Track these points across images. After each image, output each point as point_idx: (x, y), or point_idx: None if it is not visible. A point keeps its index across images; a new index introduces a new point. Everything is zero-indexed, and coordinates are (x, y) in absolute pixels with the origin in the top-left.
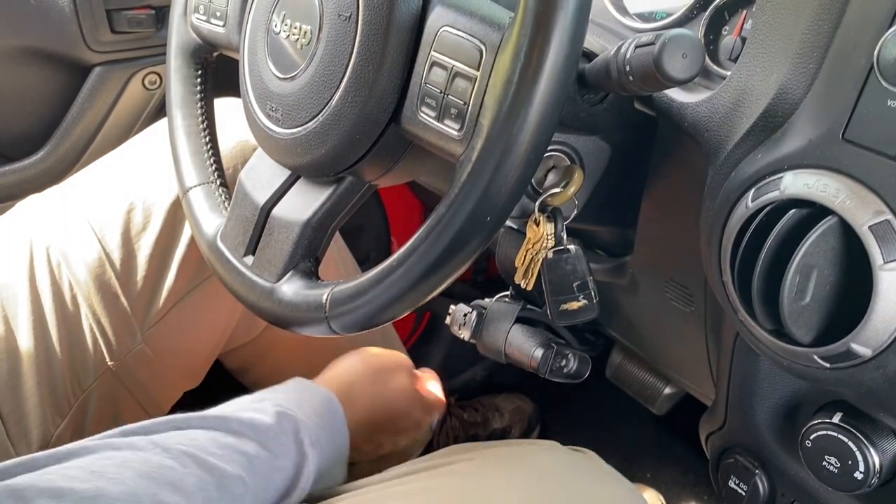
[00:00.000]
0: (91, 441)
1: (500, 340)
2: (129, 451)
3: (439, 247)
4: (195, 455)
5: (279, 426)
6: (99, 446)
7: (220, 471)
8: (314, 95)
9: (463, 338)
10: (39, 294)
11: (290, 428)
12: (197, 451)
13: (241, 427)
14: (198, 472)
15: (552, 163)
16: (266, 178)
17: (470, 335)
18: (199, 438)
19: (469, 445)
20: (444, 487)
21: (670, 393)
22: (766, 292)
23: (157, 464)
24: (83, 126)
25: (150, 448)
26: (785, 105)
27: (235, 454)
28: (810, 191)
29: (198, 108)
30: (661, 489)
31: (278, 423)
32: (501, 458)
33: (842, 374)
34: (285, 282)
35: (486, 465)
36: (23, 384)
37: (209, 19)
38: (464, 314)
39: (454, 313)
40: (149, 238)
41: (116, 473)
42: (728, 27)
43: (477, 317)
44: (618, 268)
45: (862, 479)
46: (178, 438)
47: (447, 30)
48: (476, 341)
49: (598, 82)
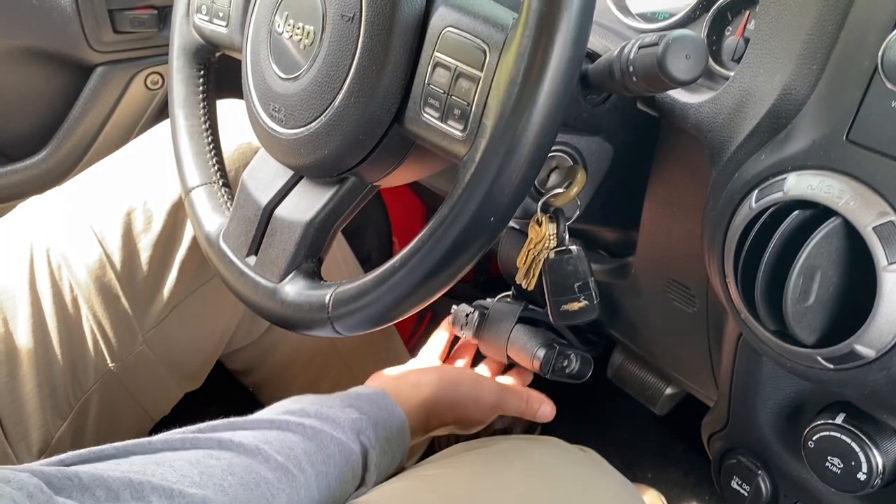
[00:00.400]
0: (198, 432)
1: (501, 340)
2: (235, 453)
3: (442, 247)
4: (290, 471)
5: (355, 451)
6: (203, 441)
7: (307, 490)
8: (317, 96)
9: (465, 338)
10: (40, 296)
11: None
12: (292, 465)
13: (331, 444)
14: (288, 491)
15: (555, 163)
16: (269, 179)
17: (472, 335)
18: (296, 448)
19: (468, 444)
20: (443, 483)
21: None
22: (770, 293)
23: (257, 475)
24: (85, 126)
25: (254, 453)
26: (788, 106)
27: (321, 474)
28: (814, 192)
29: (200, 109)
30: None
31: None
32: (501, 454)
33: (845, 375)
34: (288, 282)
35: (486, 460)
36: (22, 386)
37: (212, 20)
38: (466, 314)
39: (456, 313)
40: (149, 239)
41: (222, 479)
42: (731, 28)
43: (479, 317)
44: (620, 268)
45: (865, 480)
46: (279, 445)
47: (450, 30)
48: (478, 341)
49: (602, 83)
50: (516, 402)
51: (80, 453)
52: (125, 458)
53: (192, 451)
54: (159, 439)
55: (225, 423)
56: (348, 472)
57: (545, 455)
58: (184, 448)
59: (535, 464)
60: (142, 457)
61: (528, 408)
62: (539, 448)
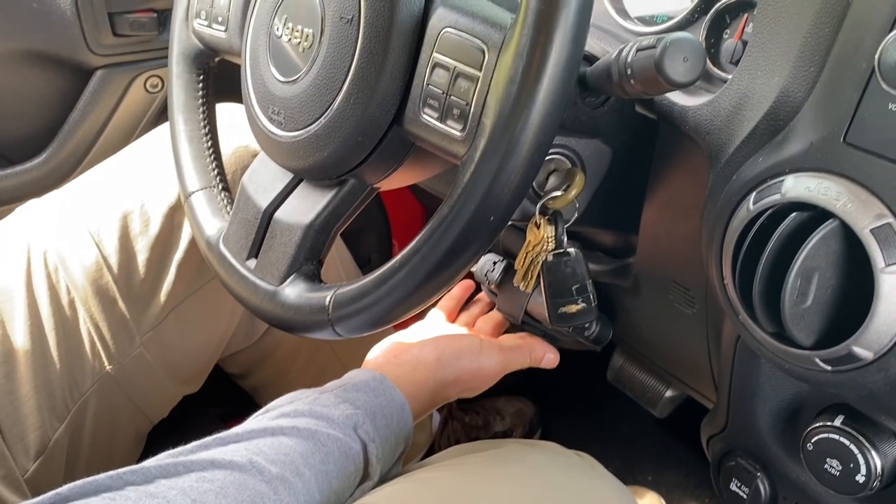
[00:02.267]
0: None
1: (523, 294)
2: (229, 471)
3: (442, 248)
4: (286, 479)
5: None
6: (196, 463)
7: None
8: (316, 98)
9: (486, 285)
10: (37, 298)
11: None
12: (289, 472)
13: (329, 442)
14: (287, 500)
15: (553, 166)
16: (268, 182)
17: (495, 284)
18: (291, 453)
19: (467, 446)
20: (440, 486)
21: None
22: (768, 295)
23: (252, 491)
24: (85, 129)
25: (248, 468)
26: (786, 108)
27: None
28: (812, 194)
29: (199, 113)
30: (662, 492)
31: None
32: (497, 459)
33: (843, 377)
34: (288, 285)
35: (482, 464)
36: (20, 388)
37: (211, 24)
38: (493, 262)
39: (482, 262)
40: (147, 242)
41: (215, 502)
42: (729, 31)
43: (506, 266)
44: (620, 270)
45: (864, 483)
46: (273, 454)
47: (449, 31)
48: (497, 293)
49: (600, 85)
50: (521, 360)
51: (74, 486)
52: (120, 491)
53: (186, 475)
54: (153, 465)
55: (216, 439)
56: (350, 467)
57: (543, 459)
58: (177, 474)
59: (532, 468)
60: (135, 489)
61: (532, 361)
62: (537, 452)
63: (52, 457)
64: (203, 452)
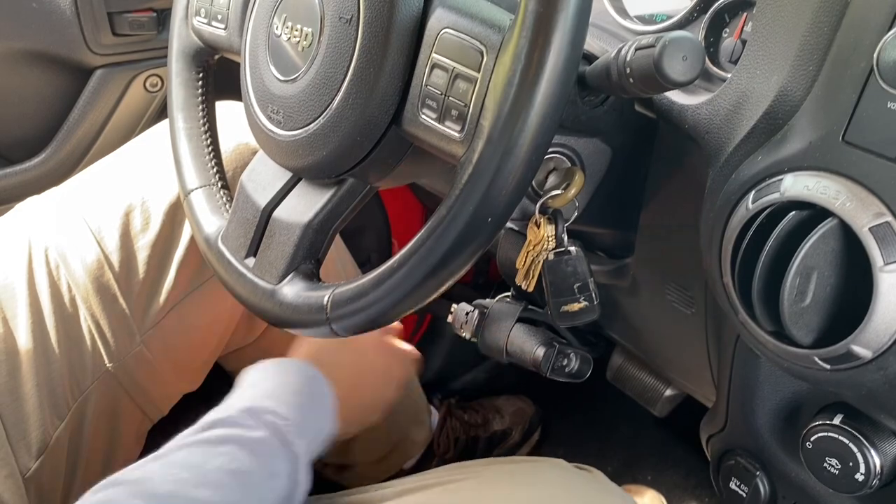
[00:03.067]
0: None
1: (501, 339)
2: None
3: (441, 248)
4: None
5: (268, 442)
6: None
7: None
8: (315, 97)
9: (465, 336)
10: (38, 295)
11: (278, 441)
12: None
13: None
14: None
15: (553, 165)
16: (267, 181)
17: (472, 334)
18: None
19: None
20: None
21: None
22: (767, 294)
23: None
24: (85, 128)
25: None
26: (785, 107)
27: (232, 480)
28: (810, 193)
29: (199, 111)
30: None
31: (267, 439)
32: (506, 475)
33: (842, 375)
34: (286, 283)
35: (491, 481)
36: (22, 386)
37: (210, 22)
38: (466, 313)
39: (456, 312)
40: (148, 239)
41: None
42: (728, 29)
43: (479, 316)
44: (619, 269)
45: (863, 481)
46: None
47: (448, 32)
48: (478, 340)
49: (599, 84)
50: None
51: None
52: None
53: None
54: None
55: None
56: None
57: (550, 475)
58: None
59: (540, 484)
60: None
61: None
62: (545, 469)
63: (54, 455)
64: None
